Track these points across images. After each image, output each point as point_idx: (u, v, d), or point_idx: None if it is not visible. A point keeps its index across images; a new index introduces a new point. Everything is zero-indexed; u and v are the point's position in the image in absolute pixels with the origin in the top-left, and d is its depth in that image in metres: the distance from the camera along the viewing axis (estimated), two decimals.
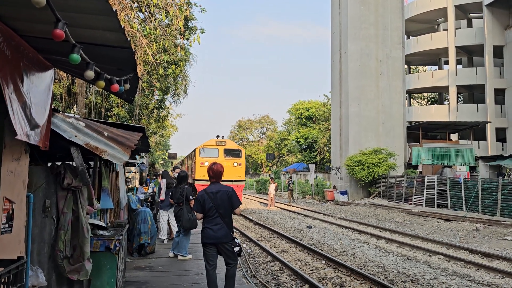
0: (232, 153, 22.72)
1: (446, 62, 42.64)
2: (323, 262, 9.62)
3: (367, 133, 29.94)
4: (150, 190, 15.78)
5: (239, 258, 5.46)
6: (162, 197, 10.23)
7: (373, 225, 16.22)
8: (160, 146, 46.09)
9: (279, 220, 18.37)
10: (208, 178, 5.49)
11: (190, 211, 8.09)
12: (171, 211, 9.98)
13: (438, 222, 17.40)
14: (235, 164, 22.29)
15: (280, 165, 61.65)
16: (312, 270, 8.89)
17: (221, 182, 5.44)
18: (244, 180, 23.62)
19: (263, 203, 29.83)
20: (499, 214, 17.51)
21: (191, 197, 8.29)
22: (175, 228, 9.72)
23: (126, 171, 14.06)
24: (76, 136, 4.11)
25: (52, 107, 3.88)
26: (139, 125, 5.53)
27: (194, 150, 23.13)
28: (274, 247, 11.58)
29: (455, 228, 15.53)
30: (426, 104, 51.25)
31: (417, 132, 30.10)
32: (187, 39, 14.26)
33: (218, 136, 23.44)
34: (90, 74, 3.01)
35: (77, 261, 4.15)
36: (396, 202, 25.35)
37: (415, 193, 24.06)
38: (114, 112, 14.72)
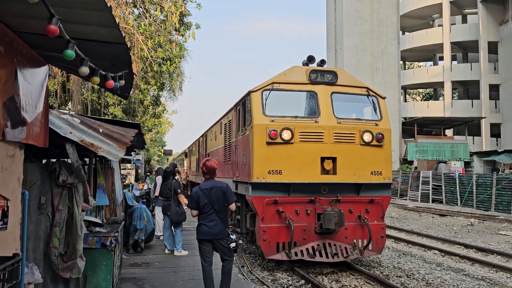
0: (355, 105, 8.94)
1: (441, 58, 42.77)
2: None
3: None
4: (145, 187, 15.76)
5: (235, 254, 5.47)
6: (158, 193, 10.23)
7: None
8: (156, 142, 45.93)
9: None
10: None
11: (178, 204, 8.32)
12: None
13: (433, 217, 17.50)
14: (367, 139, 8.35)
15: None
16: (308, 266, 8.91)
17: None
18: (391, 183, 9.38)
19: None
20: (494, 209, 17.64)
21: (179, 190, 8.49)
22: (161, 223, 9.84)
23: (121, 167, 14.03)
24: (71, 133, 4.09)
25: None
26: (134, 122, 5.52)
27: (244, 102, 8.69)
28: None
29: (450, 223, 15.63)
30: (421, 100, 51.39)
31: (412, 127, 30.22)
32: (182, 35, 14.18)
33: (310, 60, 8.50)
34: (85, 70, 2.99)
35: (70, 258, 4.12)
36: (391, 198, 25.46)
37: (410, 188, 24.18)
38: (110, 110, 14.66)
